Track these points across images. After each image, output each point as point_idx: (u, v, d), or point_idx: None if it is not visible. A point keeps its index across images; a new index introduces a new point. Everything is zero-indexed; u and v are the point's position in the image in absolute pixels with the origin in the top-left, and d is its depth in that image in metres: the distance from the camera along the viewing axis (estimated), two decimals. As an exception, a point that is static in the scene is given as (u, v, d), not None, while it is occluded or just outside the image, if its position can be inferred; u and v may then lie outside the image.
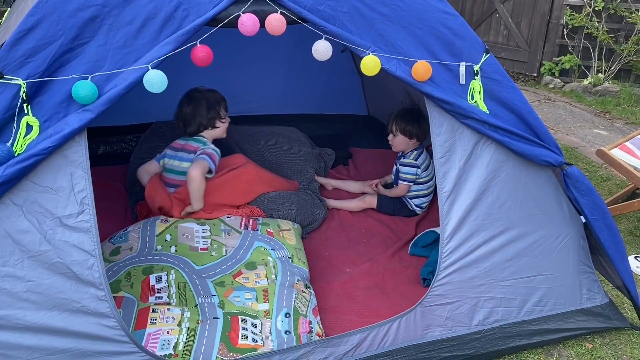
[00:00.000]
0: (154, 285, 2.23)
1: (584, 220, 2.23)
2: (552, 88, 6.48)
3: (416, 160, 3.08)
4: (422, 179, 3.11)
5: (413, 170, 3.07)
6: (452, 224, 2.04)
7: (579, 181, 2.11)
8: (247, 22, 1.71)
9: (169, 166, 2.85)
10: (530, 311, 2.24)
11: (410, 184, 3.10)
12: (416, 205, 3.16)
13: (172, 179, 2.83)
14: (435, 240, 2.73)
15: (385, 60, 1.86)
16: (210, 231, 2.59)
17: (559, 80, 6.51)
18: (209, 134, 2.89)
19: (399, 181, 3.13)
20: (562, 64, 6.45)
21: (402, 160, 3.13)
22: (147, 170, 2.86)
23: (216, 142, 3.66)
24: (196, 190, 2.68)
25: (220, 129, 2.92)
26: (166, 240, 2.47)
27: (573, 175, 2.10)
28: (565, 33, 6.38)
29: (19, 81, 1.54)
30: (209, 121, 2.84)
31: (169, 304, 2.14)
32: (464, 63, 1.96)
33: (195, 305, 2.14)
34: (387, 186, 3.31)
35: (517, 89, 2.05)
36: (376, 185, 3.29)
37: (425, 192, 3.15)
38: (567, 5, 6.29)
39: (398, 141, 3.10)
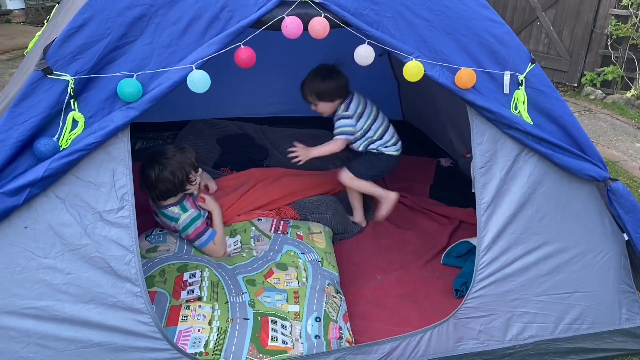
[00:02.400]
0: (186, 280, 2.26)
1: (626, 238, 2.16)
2: (592, 99, 6.31)
3: (347, 110, 2.78)
4: (358, 131, 2.81)
5: (347, 122, 2.77)
6: (490, 235, 2.00)
7: (624, 197, 2.05)
8: (291, 25, 1.71)
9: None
10: (567, 329, 2.18)
11: (348, 136, 2.78)
12: (383, 148, 2.87)
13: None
14: (469, 251, 2.68)
15: (429, 67, 1.83)
16: (240, 241, 2.63)
17: (600, 92, 6.33)
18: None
19: (335, 137, 2.80)
20: (605, 74, 6.27)
21: (335, 115, 2.83)
22: None
23: (250, 143, 3.69)
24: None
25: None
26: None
27: (617, 191, 2.04)
28: (609, 43, 6.21)
29: (67, 77, 1.57)
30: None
31: (200, 299, 2.16)
32: (509, 72, 1.92)
33: (226, 302, 2.15)
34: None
35: (562, 101, 1.99)
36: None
37: (374, 138, 2.85)
38: (613, 15, 6.12)
39: (322, 108, 2.83)
